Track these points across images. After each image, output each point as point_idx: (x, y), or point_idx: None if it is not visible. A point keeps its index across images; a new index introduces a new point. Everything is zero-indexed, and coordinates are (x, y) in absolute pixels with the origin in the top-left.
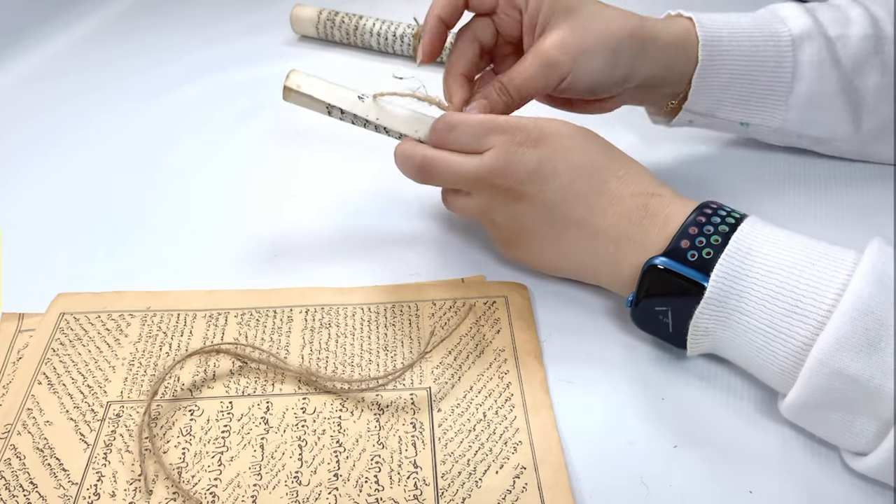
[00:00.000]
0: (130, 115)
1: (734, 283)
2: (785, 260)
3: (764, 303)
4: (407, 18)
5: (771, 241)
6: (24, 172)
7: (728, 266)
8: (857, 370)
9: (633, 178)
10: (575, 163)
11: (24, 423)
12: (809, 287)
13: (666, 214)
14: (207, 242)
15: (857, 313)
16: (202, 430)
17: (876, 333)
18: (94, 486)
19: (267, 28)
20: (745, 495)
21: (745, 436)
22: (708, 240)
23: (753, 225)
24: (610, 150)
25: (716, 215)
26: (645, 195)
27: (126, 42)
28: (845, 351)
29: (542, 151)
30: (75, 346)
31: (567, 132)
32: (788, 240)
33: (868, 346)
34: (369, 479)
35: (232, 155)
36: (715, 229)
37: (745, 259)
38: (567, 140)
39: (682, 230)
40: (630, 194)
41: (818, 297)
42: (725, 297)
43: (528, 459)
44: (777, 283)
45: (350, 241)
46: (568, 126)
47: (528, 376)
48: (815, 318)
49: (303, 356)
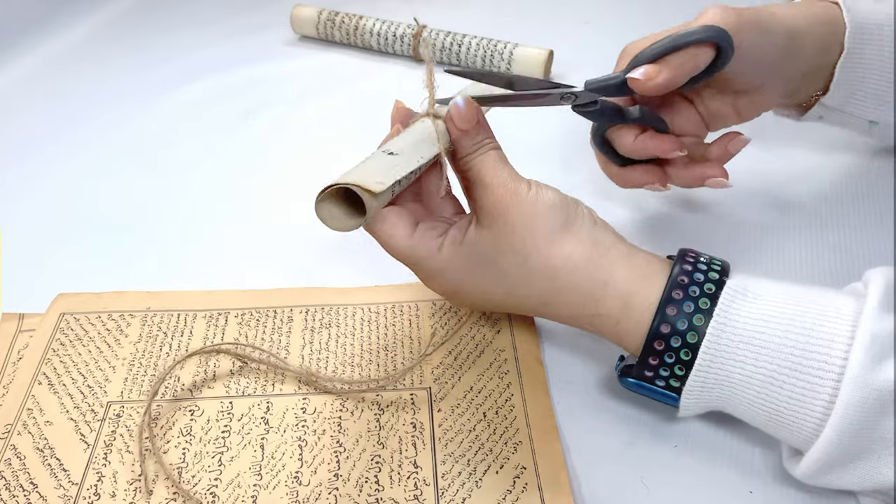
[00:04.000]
0: (130, 115)
1: (710, 392)
2: (762, 367)
3: (745, 408)
4: (407, 18)
5: (745, 340)
6: (24, 172)
7: (698, 387)
8: (846, 482)
9: (561, 305)
10: (498, 301)
11: (24, 423)
12: (791, 400)
13: (616, 333)
14: (207, 242)
15: (844, 437)
16: (202, 431)
17: (867, 448)
18: (94, 486)
19: (267, 28)
20: (745, 495)
21: (745, 436)
22: (672, 370)
23: (722, 330)
24: (520, 270)
25: (681, 316)
26: (584, 318)
27: (126, 42)
28: (834, 468)
29: (459, 298)
30: (75, 346)
31: (458, 265)
32: (764, 337)
33: (857, 460)
34: (369, 479)
35: (232, 155)
36: (682, 340)
37: (720, 370)
38: (470, 283)
39: (641, 359)
40: (568, 317)
41: (802, 414)
42: (704, 404)
43: (528, 459)
44: (755, 394)
45: (350, 241)
46: (456, 254)
47: (529, 376)
48: (802, 434)
49: (303, 356)
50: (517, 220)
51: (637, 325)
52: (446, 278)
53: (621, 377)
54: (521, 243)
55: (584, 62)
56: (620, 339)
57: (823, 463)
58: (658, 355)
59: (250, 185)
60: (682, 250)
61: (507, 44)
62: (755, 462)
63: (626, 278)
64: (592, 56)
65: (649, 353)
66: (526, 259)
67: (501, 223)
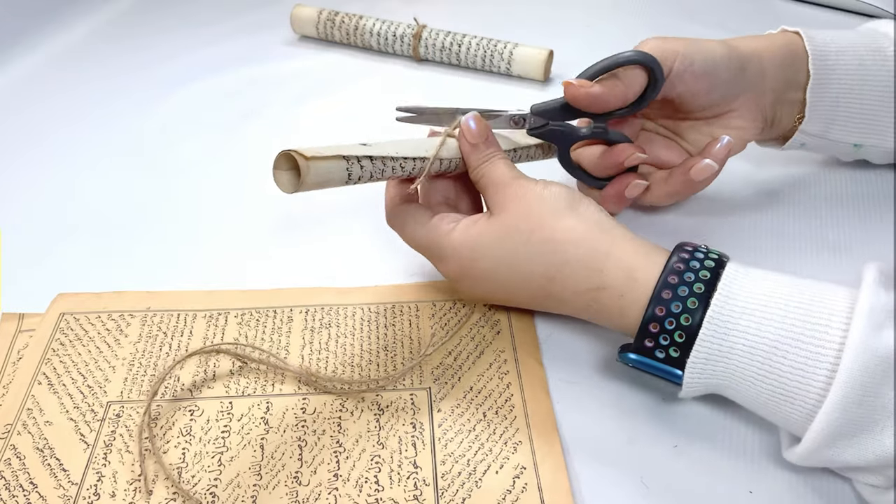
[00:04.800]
0: (130, 115)
1: (714, 365)
2: (765, 336)
3: (749, 383)
4: (407, 18)
5: (748, 312)
6: (24, 172)
7: (702, 360)
8: (850, 456)
9: (566, 278)
10: (503, 281)
11: (24, 423)
12: (794, 370)
13: (620, 308)
14: (207, 242)
15: (848, 403)
16: (202, 431)
17: (870, 418)
18: (94, 487)
19: (267, 28)
20: (745, 495)
21: (745, 435)
22: (672, 337)
23: (725, 302)
24: (526, 247)
25: (675, 299)
26: (588, 293)
27: (126, 42)
28: (836, 441)
29: (468, 279)
30: (75, 346)
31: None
32: (766, 309)
33: (860, 431)
34: (369, 479)
35: (232, 155)
36: (677, 322)
37: (724, 340)
38: (479, 262)
39: (641, 328)
40: (572, 294)
41: (805, 384)
42: (707, 379)
43: (528, 459)
44: (759, 364)
45: (351, 242)
46: (467, 236)
47: (528, 376)
48: (805, 406)
49: (303, 356)
50: (526, 205)
51: (642, 294)
52: (456, 260)
53: (621, 353)
54: (527, 222)
55: (584, 62)
56: (623, 313)
57: (827, 434)
58: (659, 321)
59: (250, 184)
60: (679, 243)
61: (507, 44)
62: (755, 462)
63: (628, 251)
64: (592, 56)
65: (651, 320)
66: (530, 235)
67: (512, 210)
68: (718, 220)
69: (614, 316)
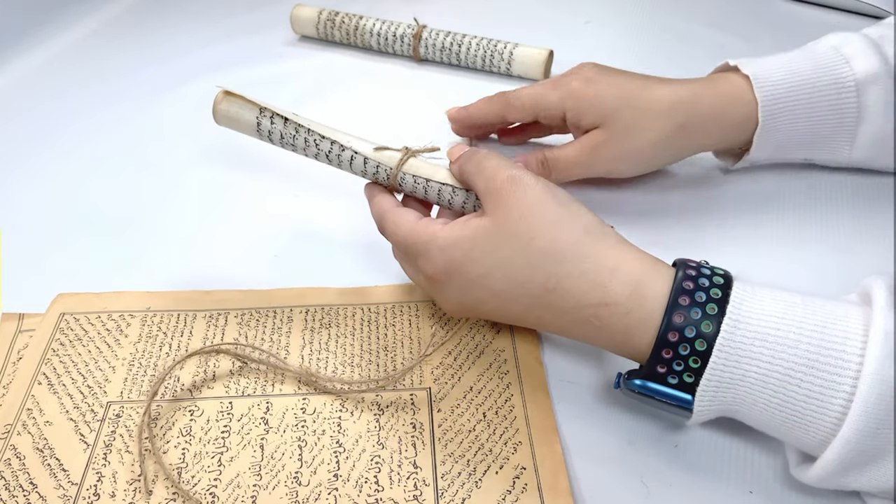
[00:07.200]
0: (131, 115)
1: (724, 393)
2: (779, 363)
3: (761, 409)
4: (407, 18)
5: (760, 337)
6: (24, 172)
7: (713, 387)
8: (862, 483)
9: (567, 290)
10: (497, 288)
11: (24, 423)
12: (809, 399)
13: (626, 326)
14: (207, 242)
15: (863, 435)
16: (202, 431)
17: (884, 448)
18: (93, 487)
19: (267, 28)
20: (745, 495)
21: (745, 435)
22: (686, 362)
23: (735, 327)
24: (525, 255)
25: (689, 323)
26: (589, 308)
27: (126, 42)
28: (850, 470)
29: (455, 284)
30: (75, 346)
31: (461, 246)
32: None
33: (873, 461)
34: (369, 479)
35: (232, 155)
36: (691, 347)
37: (735, 368)
38: (471, 264)
39: (654, 354)
40: (572, 307)
41: (820, 413)
42: (717, 406)
43: (528, 459)
44: (772, 392)
45: (350, 242)
46: (459, 236)
47: (528, 376)
48: (819, 434)
49: (303, 356)
50: (522, 206)
51: (650, 312)
52: (443, 260)
53: (628, 380)
54: (526, 227)
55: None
56: (630, 332)
57: (839, 464)
58: (672, 347)
59: (251, 184)
60: (678, 259)
61: (507, 44)
62: (755, 462)
63: (635, 266)
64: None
65: (664, 346)
66: (530, 243)
67: (506, 209)
68: (719, 221)
69: (617, 334)
